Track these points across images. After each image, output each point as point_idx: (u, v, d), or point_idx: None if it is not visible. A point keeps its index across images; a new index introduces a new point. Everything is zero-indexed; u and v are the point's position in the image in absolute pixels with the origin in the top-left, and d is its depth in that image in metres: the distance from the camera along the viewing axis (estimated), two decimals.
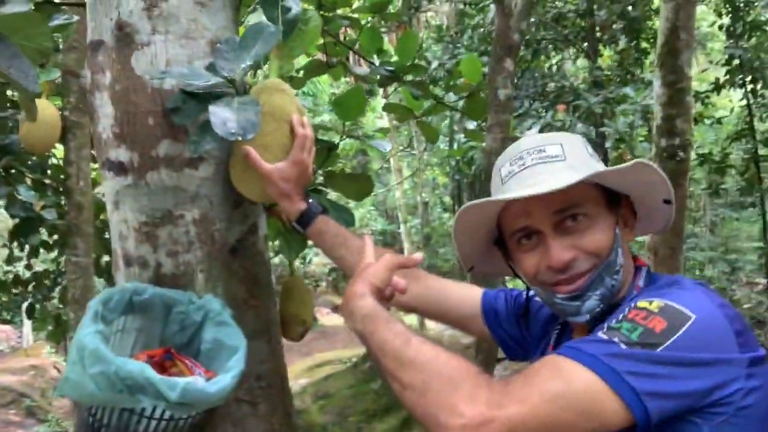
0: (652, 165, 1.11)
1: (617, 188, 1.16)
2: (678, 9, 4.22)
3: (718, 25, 9.33)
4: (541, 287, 1.16)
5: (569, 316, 1.14)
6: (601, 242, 1.11)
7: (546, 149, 1.15)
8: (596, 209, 1.13)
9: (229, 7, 1.41)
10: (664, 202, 1.19)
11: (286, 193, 1.38)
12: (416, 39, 2.43)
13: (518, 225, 1.15)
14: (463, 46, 8.33)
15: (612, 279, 1.11)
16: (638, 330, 0.94)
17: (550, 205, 1.11)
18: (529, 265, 1.15)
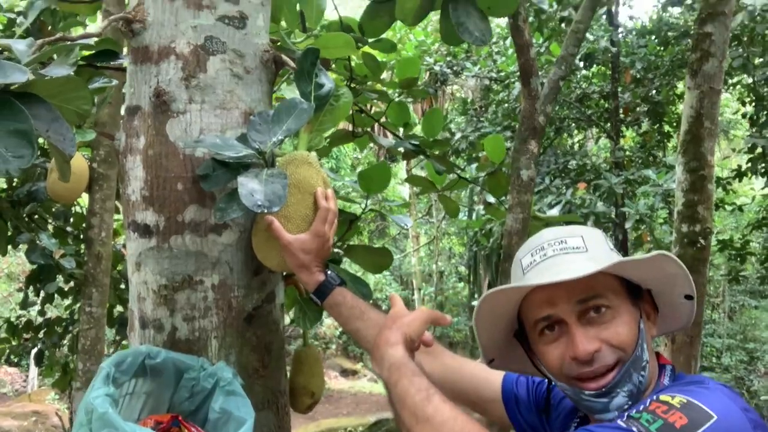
0: (674, 257, 1.12)
1: (639, 281, 1.16)
2: (703, 97, 4.27)
3: (742, 113, 9.41)
4: (567, 383, 1.14)
5: (596, 413, 1.12)
6: (626, 335, 1.10)
7: (567, 241, 1.16)
8: (619, 301, 1.12)
9: (264, 81, 1.45)
10: (686, 297, 1.18)
11: (305, 264, 1.38)
12: (441, 115, 2.47)
13: (541, 314, 1.14)
14: (487, 120, 8.45)
15: (639, 375, 1.10)
16: (658, 422, 0.93)
17: (573, 294, 1.11)
18: (553, 358, 1.14)
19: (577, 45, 2.37)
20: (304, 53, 1.47)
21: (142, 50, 1.37)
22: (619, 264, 1.10)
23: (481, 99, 9.46)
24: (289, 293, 1.69)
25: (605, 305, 1.11)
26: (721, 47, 4.21)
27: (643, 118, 9.49)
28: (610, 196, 7.63)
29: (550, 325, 1.14)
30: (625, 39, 8.53)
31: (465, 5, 1.48)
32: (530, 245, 1.21)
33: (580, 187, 7.79)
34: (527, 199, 2.11)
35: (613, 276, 1.13)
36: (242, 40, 1.41)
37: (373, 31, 2.13)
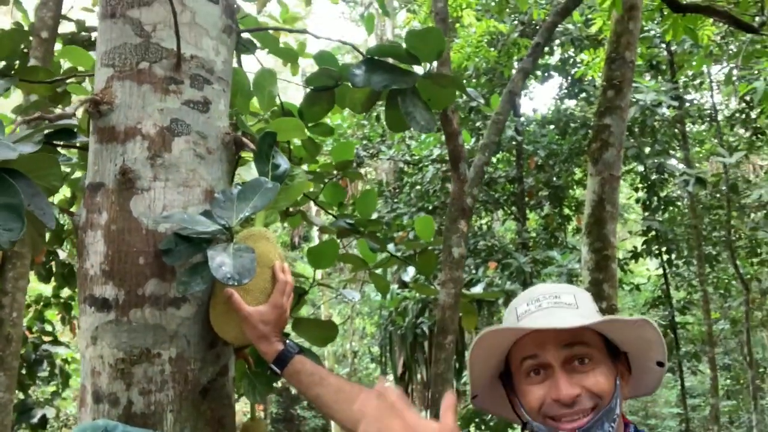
0: (654, 324, 1.25)
1: (619, 342, 1.28)
2: (603, 183, 4.63)
3: (635, 198, 10.13)
4: (543, 422, 1.23)
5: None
6: (604, 385, 1.21)
7: (561, 296, 1.28)
8: (601, 357, 1.24)
9: (225, 161, 1.53)
10: (657, 364, 1.31)
11: (265, 335, 1.43)
12: (375, 196, 2.60)
13: (530, 352, 1.25)
14: (402, 201, 8.72)
15: (610, 426, 1.21)
16: None
17: (561, 340, 1.22)
18: (535, 397, 1.24)
19: (497, 134, 2.58)
20: (262, 136, 1.57)
21: (108, 130, 1.43)
22: (608, 321, 1.23)
23: (395, 181, 9.77)
24: (238, 367, 1.71)
25: (588, 356, 1.23)
26: (619, 137, 4.62)
27: (544, 202, 10.05)
28: (518, 275, 7.95)
29: (536, 368, 1.25)
30: (527, 128, 9.12)
31: (411, 97, 1.63)
32: (526, 296, 1.32)
33: (491, 266, 8.09)
34: (459, 275, 2.24)
35: (597, 335, 1.25)
36: (205, 123, 1.49)
37: (312, 116, 2.25)
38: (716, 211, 9.97)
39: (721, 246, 10.08)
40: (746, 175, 11.90)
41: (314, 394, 1.47)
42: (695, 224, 9.17)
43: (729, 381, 13.36)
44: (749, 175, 12.30)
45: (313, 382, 1.47)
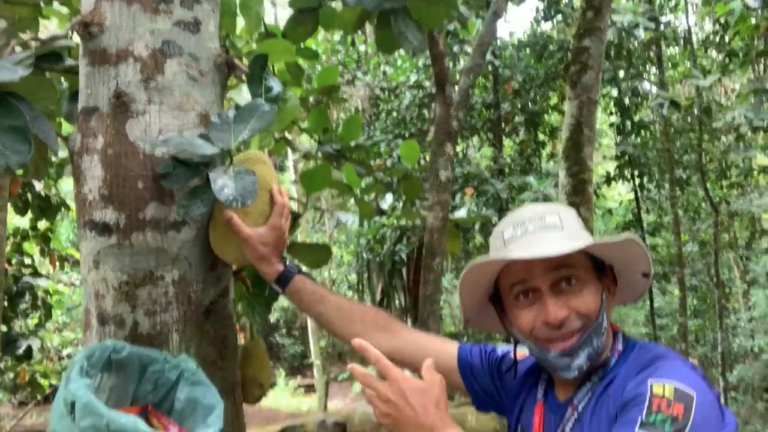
0: (639, 240, 1.28)
1: (605, 258, 1.32)
2: (582, 107, 4.65)
3: (609, 123, 10.20)
4: (535, 343, 1.29)
5: (559, 371, 1.27)
6: (591, 305, 1.26)
7: (546, 218, 1.30)
8: (587, 275, 1.28)
9: (217, 84, 1.52)
10: (643, 275, 1.36)
11: (265, 256, 1.46)
12: (360, 121, 2.60)
13: (518, 277, 1.28)
14: (378, 128, 8.68)
15: (598, 340, 1.26)
16: (668, 422, 1.07)
17: (549, 265, 1.25)
18: (526, 321, 1.28)
19: (482, 57, 2.57)
20: (254, 58, 1.55)
21: (100, 52, 1.40)
22: (595, 245, 1.26)
23: (372, 108, 9.69)
24: (236, 289, 1.74)
25: (575, 276, 1.26)
26: (598, 60, 4.61)
27: (520, 128, 10.08)
28: (495, 201, 8.05)
29: (525, 292, 1.28)
30: (503, 52, 9.04)
31: (403, 17, 1.61)
32: (511, 219, 1.34)
33: (467, 192, 8.17)
34: (446, 199, 2.28)
35: (584, 254, 1.28)
36: (197, 45, 1.47)
37: (296, 38, 2.22)
38: (688, 134, 10.09)
39: (692, 169, 10.26)
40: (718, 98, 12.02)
41: (316, 312, 1.52)
42: (667, 148, 9.30)
43: (696, 301, 13.84)
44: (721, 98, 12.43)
45: (315, 300, 1.52)
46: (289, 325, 20.68)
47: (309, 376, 18.24)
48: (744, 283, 14.34)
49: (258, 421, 9.73)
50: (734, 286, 14.83)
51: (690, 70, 9.38)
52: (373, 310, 1.62)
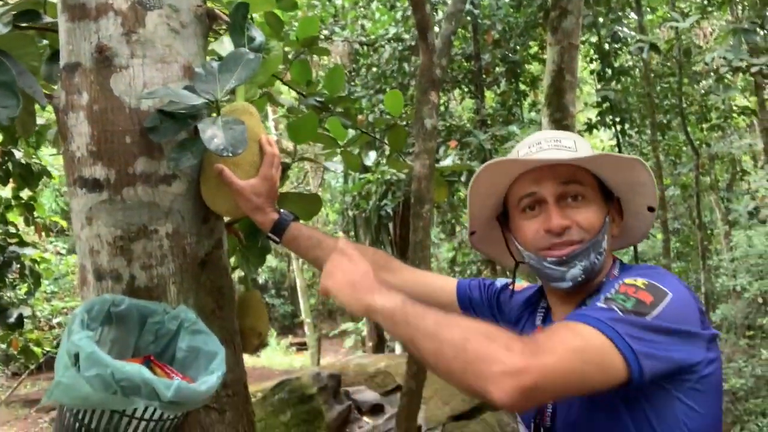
0: (647, 166, 1.32)
1: (613, 185, 1.36)
2: (563, 52, 4.64)
3: (589, 69, 10.17)
4: (534, 252, 1.32)
5: (554, 281, 1.31)
6: (594, 221, 1.30)
7: (562, 141, 1.34)
8: (594, 195, 1.32)
9: (200, 35, 1.51)
10: (648, 209, 1.39)
11: (259, 206, 1.48)
12: (343, 72, 2.58)
13: (528, 190, 1.32)
14: (358, 84, 8.61)
15: (596, 256, 1.30)
16: (631, 300, 1.12)
17: (558, 177, 1.29)
18: (530, 230, 1.32)
19: (463, 2, 2.56)
20: (235, 8, 1.54)
21: (79, 7, 1.39)
22: (601, 156, 1.29)
23: (351, 63, 9.59)
24: (229, 242, 1.76)
25: (582, 194, 1.30)
26: (577, 4, 4.59)
27: (501, 78, 10.02)
28: (479, 153, 8.05)
29: (531, 204, 1.32)
30: (482, 1, 8.94)
31: None
32: (528, 141, 1.38)
33: (451, 145, 8.16)
34: (432, 146, 2.29)
35: (593, 177, 1.32)
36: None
37: None
38: (668, 78, 10.09)
39: (673, 113, 10.29)
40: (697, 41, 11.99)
41: (314, 256, 1.54)
42: (648, 92, 9.29)
43: (679, 244, 14.04)
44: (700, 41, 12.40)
45: (311, 245, 1.54)
46: (278, 285, 20.80)
47: (300, 335, 18.45)
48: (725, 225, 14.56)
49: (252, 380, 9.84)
50: (716, 228, 15.06)
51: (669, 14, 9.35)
52: (371, 250, 1.65)
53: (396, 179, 8.01)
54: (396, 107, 2.65)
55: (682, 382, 1.13)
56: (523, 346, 1.03)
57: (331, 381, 5.61)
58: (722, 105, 9.84)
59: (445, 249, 12.86)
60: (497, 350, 1.02)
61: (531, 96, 10.52)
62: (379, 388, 6.05)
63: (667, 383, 1.13)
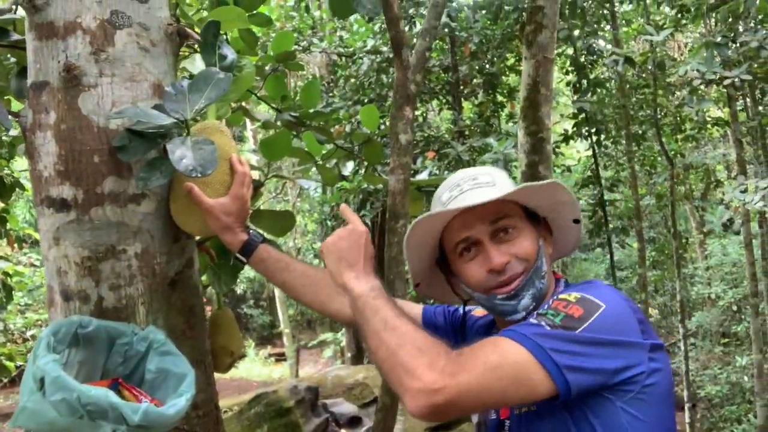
0: (564, 185, 1.36)
1: (536, 208, 1.39)
2: (538, 66, 4.69)
3: (565, 81, 10.27)
4: (483, 293, 1.35)
5: (507, 315, 1.34)
6: (529, 249, 1.33)
7: (479, 177, 1.38)
8: (523, 224, 1.36)
9: (170, 53, 1.50)
10: (574, 222, 1.42)
11: (228, 226, 1.47)
12: (319, 87, 2.59)
13: (461, 236, 1.35)
14: (336, 95, 8.61)
15: (540, 282, 1.33)
16: (560, 315, 1.16)
17: (486, 216, 1.32)
18: (473, 273, 1.35)
19: (438, 18, 2.57)
20: (206, 26, 1.53)
21: (47, 26, 1.37)
22: (521, 189, 1.32)
23: (329, 74, 9.60)
24: (200, 260, 1.75)
25: (512, 226, 1.34)
26: (552, 19, 4.64)
27: (478, 90, 10.09)
28: (456, 164, 8.08)
29: (467, 246, 1.35)
30: (459, 14, 9.00)
31: None
32: (447, 184, 1.41)
33: (429, 155, 8.19)
34: (407, 161, 2.29)
35: (516, 205, 1.36)
36: (146, 14, 1.45)
37: (249, 5, 2.18)
38: (643, 90, 10.22)
39: (648, 124, 10.41)
40: (672, 53, 12.17)
41: (281, 280, 1.54)
42: (623, 104, 9.40)
43: (654, 253, 14.18)
44: (674, 53, 12.59)
45: (279, 269, 1.53)
46: (257, 295, 20.66)
47: (279, 346, 18.32)
48: (700, 234, 14.74)
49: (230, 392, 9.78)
50: (691, 237, 15.24)
51: (643, 26, 9.47)
52: None
53: (374, 189, 8.02)
54: (372, 122, 2.65)
55: (625, 393, 1.16)
56: (445, 364, 1.09)
57: (309, 394, 5.58)
58: (696, 116, 9.97)
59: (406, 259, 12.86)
60: (420, 366, 1.08)
61: (508, 107, 10.60)
62: (357, 401, 6.03)
63: (608, 393, 1.16)
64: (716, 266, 13.83)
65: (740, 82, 7.21)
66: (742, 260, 11.26)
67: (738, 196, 7.33)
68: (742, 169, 8.93)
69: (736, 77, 7.00)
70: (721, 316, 13.46)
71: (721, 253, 13.80)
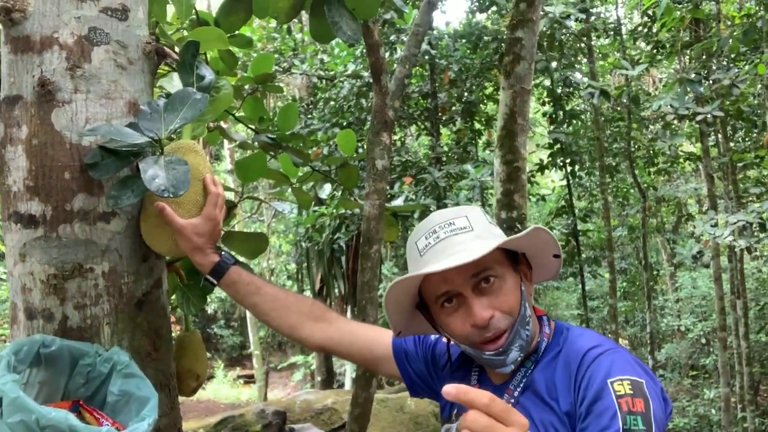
0: (545, 229, 1.33)
1: (517, 248, 1.36)
2: (515, 96, 4.74)
3: (542, 112, 10.42)
4: (471, 346, 1.32)
5: (497, 367, 1.32)
6: (512, 301, 1.30)
7: (455, 222, 1.33)
8: (503, 270, 1.32)
9: (147, 72, 1.49)
10: (554, 256, 1.41)
11: (200, 246, 1.45)
12: (297, 110, 2.59)
13: (440, 291, 1.31)
14: (315, 117, 8.63)
15: (525, 330, 1.31)
16: (638, 419, 1.13)
17: (466, 271, 1.28)
18: (457, 327, 1.32)
19: (418, 46, 2.60)
20: (185, 46, 1.53)
21: (23, 40, 1.36)
22: (504, 242, 1.29)
23: (309, 96, 9.62)
24: (170, 281, 1.72)
25: (493, 275, 1.30)
26: (530, 51, 4.70)
27: (457, 117, 10.19)
28: (433, 190, 8.13)
29: (448, 298, 1.32)
30: (440, 42, 9.11)
31: (337, 6, 1.61)
32: (423, 229, 1.36)
33: (406, 181, 8.22)
34: (383, 187, 2.29)
35: (497, 250, 1.31)
36: (125, 32, 1.44)
37: (229, 26, 2.19)
38: (617, 123, 10.40)
39: (621, 157, 10.58)
40: (646, 88, 12.42)
41: (251, 303, 1.52)
42: (598, 136, 9.54)
43: (626, 284, 14.33)
44: (649, 88, 12.85)
45: (250, 292, 1.52)
46: (228, 315, 20.46)
47: (248, 367, 18.11)
48: (671, 266, 14.93)
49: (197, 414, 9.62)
50: (662, 269, 15.43)
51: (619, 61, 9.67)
52: (309, 301, 1.63)
53: (350, 213, 8.01)
54: (349, 146, 2.66)
55: None
56: None
57: (276, 418, 5.50)
58: (669, 150, 10.15)
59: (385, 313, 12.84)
60: None
61: (485, 135, 10.71)
62: (326, 426, 5.96)
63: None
64: (686, 299, 14.00)
65: (712, 119, 7.37)
66: (712, 294, 11.42)
67: (709, 230, 7.45)
68: (713, 203, 9.09)
69: (709, 113, 7.16)
70: (690, 348, 13.60)
71: (691, 286, 13.98)
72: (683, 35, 8.53)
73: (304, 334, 1.55)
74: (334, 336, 1.55)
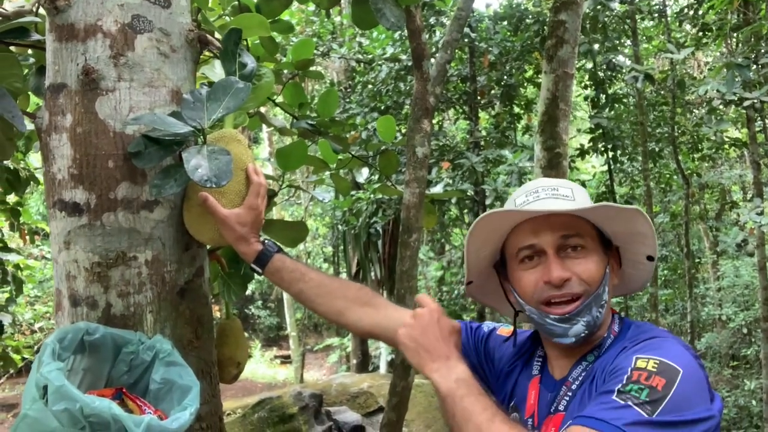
0: (646, 216, 1.29)
1: (611, 234, 1.33)
2: (558, 81, 4.65)
3: (583, 96, 10.22)
4: (536, 307, 1.28)
5: (556, 337, 1.27)
6: (594, 273, 1.26)
7: (559, 189, 1.31)
8: (593, 246, 1.29)
9: (189, 60, 1.48)
10: (648, 258, 1.36)
11: (243, 236, 1.45)
12: (337, 95, 2.57)
13: (526, 242, 1.29)
14: (353, 101, 8.60)
15: (598, 311, 1.26)
16: (645, 391, 1.07)
17: (557, 228, 1.26)
18: (529, 282, 1.29)
19: (460, 30, 2.55)
20: (227, 33, 1.52)
21: (68, 28, 1.36)
22: (601, 207, 1.26)
23: (347, 80, 9.59)
24: (211, 269, 1.73)
25: (582, 245, 1.27)
26: (574, 34, 4.60)
27: (496, 101, 10.05)
28: (471, 175, 8.05)
29: (530, 255, 1.29)
30: (480, 24, 8.98)
31: None
32: (525, 189, 1.35)
33: (444, 166, 8.15)
34: (423, 175, 2.26)
35: (592, 226, 1.29)
36: (168, 19, 1.44)
37: (270, 12, 2.18)
38: (661, 107, 10.15)
39: (665, 142, 10.34)
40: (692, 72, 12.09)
41: (297, 290, 1.51)
42: (641, 121, 9.33)
43: (667, 271, 14.06)
44: (694, 72, 12.51)
45: (295, 279, 1.50)
46: (265, 297, 20.68)
47: (285, 348, 18.32)
48: (713, 254, 14.60)
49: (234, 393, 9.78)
50: (704, 257, 15.10)
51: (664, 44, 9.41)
52: (355, 286, 1.60)
53: (387, 198, 7.99)
54: (388, 133, 2.63)
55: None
56: None
57: (313, 400, 5.55)
58: (714, 136, 9.89)
59: (433, 268, 12.82)
60: None
61: (525, 119, 10.56)
62: (361, 409, 5.99)
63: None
64: (728, 288, 13.69)
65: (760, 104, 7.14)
66: (755, 283, 11.15)
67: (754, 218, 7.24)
68: (758, 190, 8.83)
69: (756, 99, 6.93)
70: (731, 338, 13.32)
71: (734, 275, 13.66)
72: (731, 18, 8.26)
73: (351, 319, 1.52)
74: (381, 322, 1.51)
